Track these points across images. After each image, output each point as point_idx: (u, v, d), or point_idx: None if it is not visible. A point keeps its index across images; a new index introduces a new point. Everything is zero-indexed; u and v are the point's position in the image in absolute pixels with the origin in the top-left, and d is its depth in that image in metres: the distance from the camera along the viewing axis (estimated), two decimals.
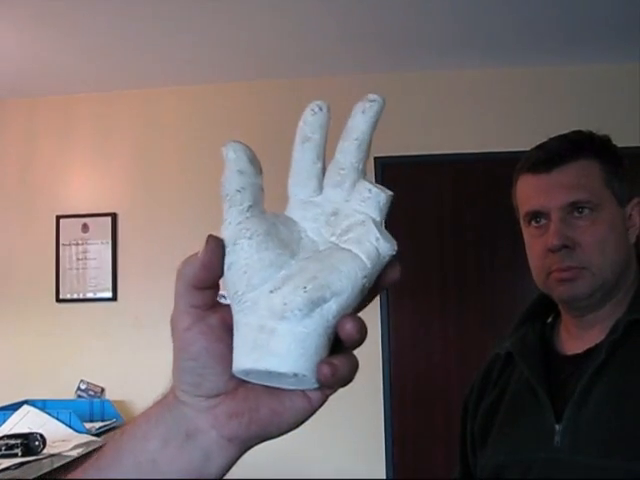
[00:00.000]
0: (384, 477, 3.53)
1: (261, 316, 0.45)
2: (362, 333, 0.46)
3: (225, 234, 0.48)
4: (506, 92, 3.68)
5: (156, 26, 3.11)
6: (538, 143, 1.21)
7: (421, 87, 3.73)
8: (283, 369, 0.45)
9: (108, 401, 3.56)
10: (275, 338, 0.45)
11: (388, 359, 3.59)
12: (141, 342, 3.68)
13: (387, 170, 3.67)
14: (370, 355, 3.55)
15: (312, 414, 0.51)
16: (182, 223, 3.71)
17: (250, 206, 0.48)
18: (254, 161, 0.49)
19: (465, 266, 3.66)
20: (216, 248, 0.47)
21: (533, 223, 1.16)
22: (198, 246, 0.49)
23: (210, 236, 0.48)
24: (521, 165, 1.21)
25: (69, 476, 0.52)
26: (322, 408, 0.52)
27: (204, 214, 3.67)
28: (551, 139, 1.19)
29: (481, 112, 3.68)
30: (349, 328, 0.46)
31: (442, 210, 3.71)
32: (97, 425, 3.30)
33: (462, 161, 3.68)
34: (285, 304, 0.45)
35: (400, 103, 3.66)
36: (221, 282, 0.48)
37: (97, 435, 3.15)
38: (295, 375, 0.45)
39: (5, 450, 2.66)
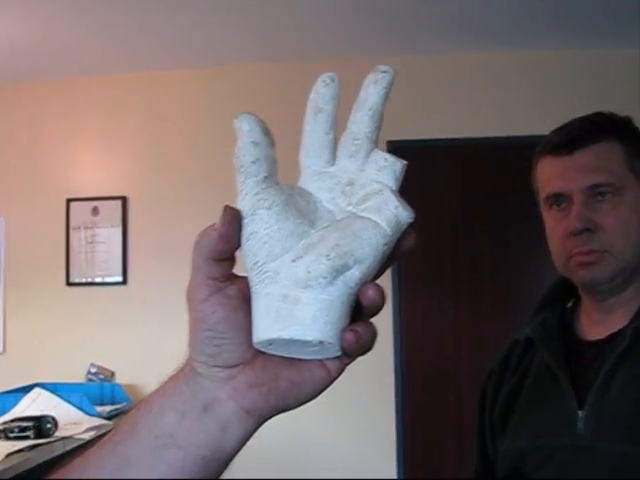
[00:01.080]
0: (395, 463, 3.52)
1: (283, 286, 0.45)
2: (383, 299, 0.47)
3: (242, 205, 0.48)
4: (519, 75, 3.65)
5: (164, 7, 3.09)
6: (554, 127, 1.19)
7: (433, 70, 3.70)
8: (309, 337, 0.45)
9: (118, 385, 3.57)
10: (299, 307, 0.45)
11: (400, 345, 3.58)
12: (151, 326, 3.68)
13: (397, 154, 3.63)
14: (381, 341, 3.49)
15: (330, 384, 0.51)
16: (192, 206, 3.69)
17: (266, 177, 0.48)
18: (267, 132, 0.49)
19: (478, 251, 3.64)
20: (233, 219, 0.47)
21: (554, 206, 1.14)
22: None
23: (227, 207, 0.47)
24: (542, 147, 1.18)
25: (87, 452, 0.52)
26: (334, 394, 0.51)
27: (214, 197, 3.65)
28: (572, 121, 1.17)
29: (492, 96, 3.65)
30: (371, 294, 0.46)
31: (453, 195, 3.69)
32: (108, 408, 3.30)
33: (474, 145, 3.65)
34: (309, 272, 0.45)
35: (410, 86, 3.63)
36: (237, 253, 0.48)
37: (108, 418, 3.16)
38: (321, 343, 0.46)
39: (18, 432, 2.66)
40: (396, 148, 3.61)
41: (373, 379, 3.53)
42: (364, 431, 3.57)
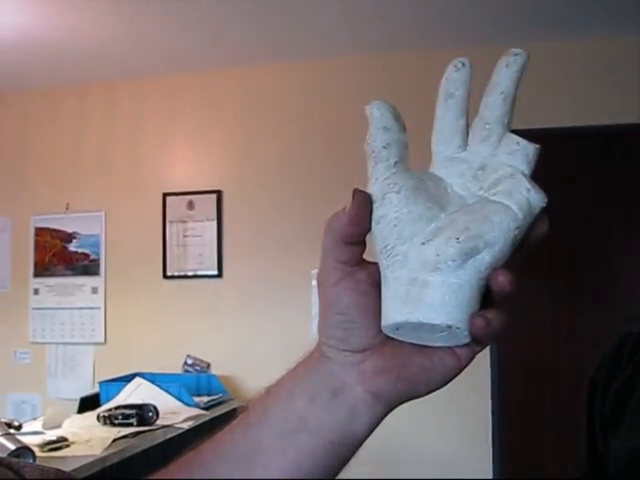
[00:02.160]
0: (490, 462, 3.43)
1: (412, 269, 0.45)
2: (514, 286, 0.45)
3: (372, 189, 0.48)
4: (610, 63, 3.48)
5: (258, 3, 3.10)
6: None
7: (543, 58, 3.57)
8: (438, 321, 0.44)
9: (214, 376, 3.62)
10: (428, 290, 0.45)
11: (495, 347, 3.48)
12: (246, 319, 3.71)
13: None
14: None
15: (460, 372, 0.50)
16: (287, 200, 3.71)
17: (396, 162, 0.49)
18: (399, 118, 0.50)
19: (577, 243, 3.50)
20: (363, 202, 0.47)
21: None
22: (302, 222, 0.47)
23: (356, 190, 0.47)
24: None
25: (217, 436, 0.53)
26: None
27: (310, 190, 3.67)
28: None
29: (591, 84, 3.49)
30: (502, 280, 0.45)
31: (551, 187, 3.55)
32: (205, 399, 3.35)
33: (572, 135, 3.52)
34: (438, 255, 0.44)
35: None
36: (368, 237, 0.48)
37: (205, 409, 3.21)
38: (449, 327, 0.45)
39: (122, 419, 2.74)
40: None
41: (468, 375, 3.44)
42: (459, 429, 3.49)
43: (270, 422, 0.51)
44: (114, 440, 2.55)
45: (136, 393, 3.17)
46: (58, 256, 4.09)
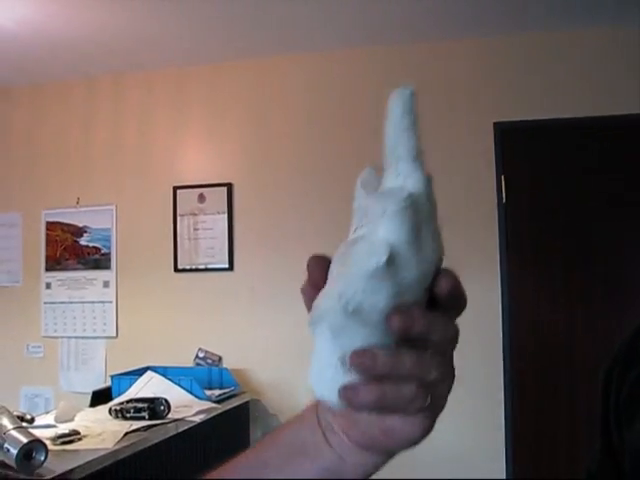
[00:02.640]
0: (503, 449, 3.41)
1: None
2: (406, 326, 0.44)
3: None
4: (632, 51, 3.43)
5: None
6: None
7: (542, 49, 3.53)
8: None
9: (226, 369, 3.61)
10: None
11: (508, 332, 3.45)
12: (257, 312, 3.70)
13: (506, 136, 3.52)
14: (490, 327, 3.43)
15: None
16: (298, 193, 3.69)
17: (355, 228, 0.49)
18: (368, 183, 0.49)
19: (590, 234, 3.46)
20: (311, 273, 0.49)
21: None
22: (313, 215, 0.46)
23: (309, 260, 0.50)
24: None
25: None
26: None
27: (320, 183, 3.65)
28: None
29: (604, 73, 3.44)
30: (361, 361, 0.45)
31: (563, 176, 3.52)
32: (217, 392, 3.35)
33: (588, 125, 3.47)
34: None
35: (519, 65, 3.51)
36: None
37: (217, 402, 3.20)
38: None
39: (133, 413, 2.73)
40: (504, 130, 3.51)
41: (481, 367, 3.43)
42: (472, 420, 3.46)
43: (277, 446, 0.55)
44: (126, 434, 2.54)
45: (148, 387, 3.17)
46: (69, 250, 4.10)
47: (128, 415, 2.74)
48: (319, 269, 0.47)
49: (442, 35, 3.56)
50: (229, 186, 3.82)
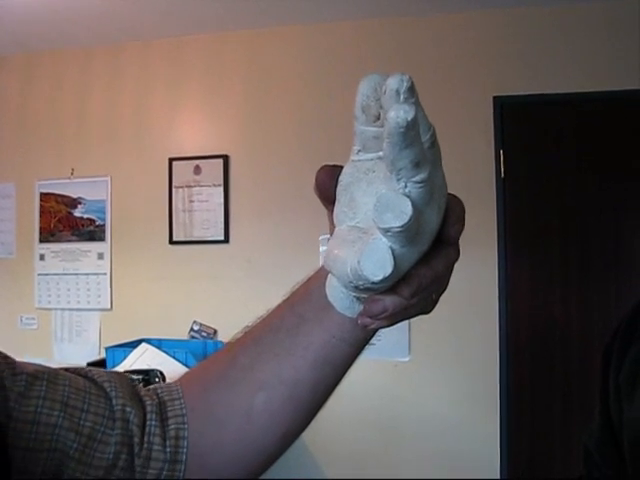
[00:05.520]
0: (498, 428, 3.42)
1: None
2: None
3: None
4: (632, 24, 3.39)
5: None
6: None
7: (542, 22, 3.48)
8: None
9: (221, 342, 3.60)
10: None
11: (505, 311, 3.44)
12: (253, 284, 3.68)
13: (506, 109, 3.48)
14: (487, 307, 3.43)
15: None
16: (294, 165, 3.65)
17: (359, 150, 0.56)
18: (368, 107, 0.51)
19: (588, 212, 3.44)
20: (321, 178, 0.59)
21: None
22: (309, 188, 0.56)
23: (320, 169, 0.58)
24: None
25: (268, 313, 0.67)
26: (439, 358, 0.64)
27: (317, 155, 3.61)
28: None
29: (606, 48, 3.39)
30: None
31: (563, 154, 3.49)
32: None
33: (587, 100, 3.43)
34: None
35: (519, 39, 3.46)
36: None
37: None
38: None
39: None
40: (503, 104, 3.47)
41: (478, 342, 3.43)
42: (468, 394, 3.47)
43: (311, 299, 0.62)
44: None
45: (142, 359, 3.15)
46: (63, 222, 4.06)
47: None
48: (329, 180, 0.56)
49: (441, 8, 3.50)
50: (225, 158, 3.77)
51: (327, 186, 0.55)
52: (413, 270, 0.50)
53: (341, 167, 0.55)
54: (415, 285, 0.51)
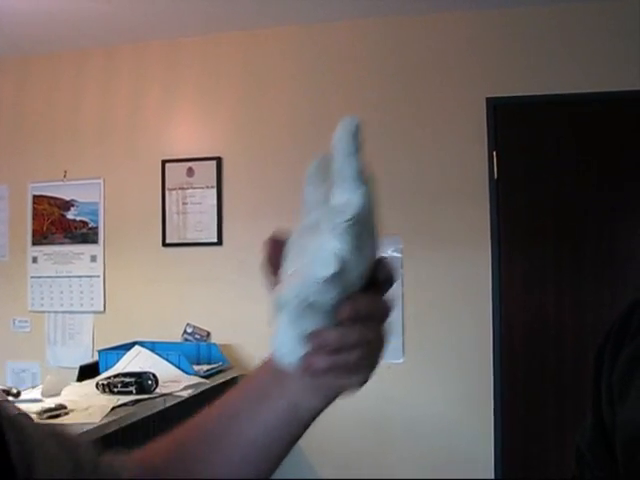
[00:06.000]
0: (492, 427, 3.42)
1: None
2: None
3: None
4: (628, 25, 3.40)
5: None
6: None
7: (536, 23, 3.48)
8: None
9: (214, 344, 3.59)
10: None
11: (499, 309, 3.45)
12: (246, 287, 3.67)
13: (499, 111, 3.49)
14: (480, 305, 3.43)
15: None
16: (287, 167, 3.64)
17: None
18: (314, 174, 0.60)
19: (581, 213, 3.45)
20: (268, 254, 0.61)
21: None
22: (302, 191, 0.59)
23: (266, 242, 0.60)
24: None
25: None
26: (433, 357, 0.55)
27: (309, 157, 3.60)
28: None
29: (599, 49, 3.40)
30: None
31: (556, 154, 3.49)
32: (205, 368, 3.33)
33: (581, 102, 3.44)
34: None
35: (512, 40, 3.46)
36: None
37: (205, 377, 3.19)
38: None
39: (121, 387, 2.71)
40: (496, 105, 3.48)
41: (472, 343, 3.43)
42: (462, 395, 3.47)
43: (245, 392, 0.65)
44: (113, 408, 2.52)
45: (135, 361, 3.15)
46: (56, 224, 4.05)
47: (115, 390, 2.72)
48: (276, 250, 0.58)
49: (434, 8, 3.51)
50: (218, 160, 3.77)
51: (276, 255, 0.58)
52: (350, 296, 0.53)
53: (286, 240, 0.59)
54: (352, 309, 0.53)
